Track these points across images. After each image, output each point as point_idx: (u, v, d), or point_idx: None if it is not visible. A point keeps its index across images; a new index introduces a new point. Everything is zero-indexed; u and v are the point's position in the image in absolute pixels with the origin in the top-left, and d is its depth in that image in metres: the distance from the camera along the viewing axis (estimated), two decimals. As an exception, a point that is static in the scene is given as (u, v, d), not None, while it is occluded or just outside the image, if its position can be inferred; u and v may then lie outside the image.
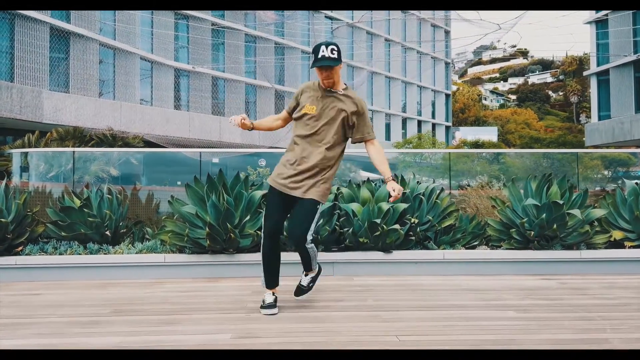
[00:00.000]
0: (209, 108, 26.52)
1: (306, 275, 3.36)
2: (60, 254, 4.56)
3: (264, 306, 3.14)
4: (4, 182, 4.67)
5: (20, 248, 4.56)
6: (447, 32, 44.02)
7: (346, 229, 4.62)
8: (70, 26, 20.60)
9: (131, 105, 22.58)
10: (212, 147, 23.21)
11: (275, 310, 3.14)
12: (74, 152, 5.84)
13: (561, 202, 4.58)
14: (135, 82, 23.55)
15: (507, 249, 4.79)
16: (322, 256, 4.57)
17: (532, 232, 4.62)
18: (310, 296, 3.65)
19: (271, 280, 3.23)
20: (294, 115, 3.18)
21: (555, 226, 4.54)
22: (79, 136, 15.52)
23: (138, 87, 23.77)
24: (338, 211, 4.71)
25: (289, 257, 4.57)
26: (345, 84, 3.17)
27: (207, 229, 4.35)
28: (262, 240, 3.19)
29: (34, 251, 4.55)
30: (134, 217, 5.47)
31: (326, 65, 2.94)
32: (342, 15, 33.00)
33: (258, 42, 28.32)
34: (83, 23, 21.10)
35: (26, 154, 6.71)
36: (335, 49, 2.97)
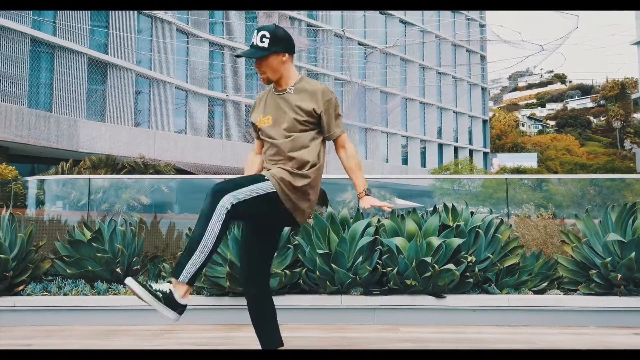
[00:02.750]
0: (242, 136, 26.44)
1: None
2: (65, 294, 4.04)
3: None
4: (8, 212, 4.23)
5: (21, 287, 4.06)
6: (482, 57, 43.19)
7: (390, 269, 3.93)
8: (108, 57, 21.00)
9: (165, 133, 22.68)
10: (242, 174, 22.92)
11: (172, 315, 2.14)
12: (89, 179, 5.41)
13: (653, 237, 3.77)
14: (170, 110, 23.73)
15: (585, 294, 3.97)
16: (362, 301, 3.88)
17: (619, 275, 3.80)
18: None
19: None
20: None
21: (648, 268, 3.72)
22: (111, 164, 15.47)
23: (173, 116, 23.93)
24: (380, 247, 4.03)
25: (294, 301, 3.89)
26: (300, 75, 2.50)
27: (227, 267, 3.75)
28: None
29: (36, 291, 4.05)
30: (163, 248, 4.95)
31: (247, 57, 2.37)
32: (375, 41, 32.78)
33: (291, 69, 28.23)
34: (120, 54, 21.49)
35: (42, 181, 6.35)
36: (268, 35, 2.34)
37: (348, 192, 7.97)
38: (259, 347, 2.54)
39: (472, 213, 4.39)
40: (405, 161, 35.73)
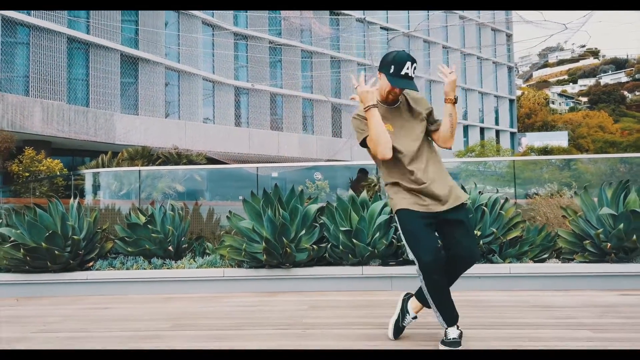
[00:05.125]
0: (268, 124, 27.13)
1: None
2: (127, 269, 4.76)
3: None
4: (76, 200, 4.96)
5: (91, 263, 4.81)
6: (508, 36, 42.53)
7: (404, 242, 4.48)
8: (139, 52, 21.90)
9: (195, 124, 23.56)
10: (271, 162, 23.66)
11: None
12: (139, 170, 6.12)
13: (641, 210, 4.20)
14: (199, 101, 24.57)
15: (580, 262, 4.45)
16: (380, 270, 4.46)
17: (609, 244, 4.26)
18: (367, 312, 3.56)
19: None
20: None
21: (634, 237, 4.17)
22: (147, 155, 16.38)
23: (201, 107, 24.79)
24: (395, 224, 4.59)
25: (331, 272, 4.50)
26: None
27: (263, 243, 4.38)
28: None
29: (103, 266, 4.79)
30: (198, 232, 5.63)
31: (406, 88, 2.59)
32: (398, 25, 32.78)
33: (314, 57, 28.69)
34: (150, 48, 22.37)
35: (97, 173, 7.12)
36: (416, 67, 2.61)
37: (372, 176, 8.51)
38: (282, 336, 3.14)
39: (480, 192, 4.89)
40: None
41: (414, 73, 2.57)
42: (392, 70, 2.56)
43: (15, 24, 18.10)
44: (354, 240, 4.43)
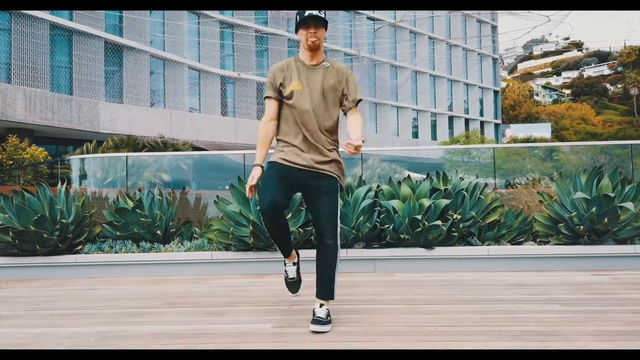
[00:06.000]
0: (255, 113, 27.09)
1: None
2: (116, 252, 4.83)
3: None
4: (64, 186, 5.01)
5: (79, 247, 4.87)
6: (493, 28, 42.86)
7: (387, 226, 4.63)
8: (123, 40, 21.66)
9: (180, 113, 23.43)
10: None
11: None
12: (127, 157, 6.16)
13: (612, 195, 4.40)
14: (184, 90, 24.42)
15: (555, 244, 4.65)
16: (363, 253, 4.60)
17: (582, 227, 4.46)
18: (350, 291, 3.70)
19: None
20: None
21: (606, 220, 4.37)
22: (132, 144, 16.31)
23: (187, 96, 24.65)
24: (378, 208, 4.73)
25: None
26: (325, 58, 2.86)
27: (250, 227, 4.48)
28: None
29: (92, 250, 4.85)
30: (185, 218, 5.71)
31: (315, 19, 2.66)
32: (384, 15, 32.83)
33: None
34: (134, 36, 22.12)
35: (83, 160, 7.13)
36: (320, 10, 2.72)
37: (357, 167, 8.66)
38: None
39: (461, 179, 5.05)
40: (415, 135, 36.13)
41: (319, 12, 2.69)
42: (298, 19, 2.76)
43: (-4, 10, 17.77)
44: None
